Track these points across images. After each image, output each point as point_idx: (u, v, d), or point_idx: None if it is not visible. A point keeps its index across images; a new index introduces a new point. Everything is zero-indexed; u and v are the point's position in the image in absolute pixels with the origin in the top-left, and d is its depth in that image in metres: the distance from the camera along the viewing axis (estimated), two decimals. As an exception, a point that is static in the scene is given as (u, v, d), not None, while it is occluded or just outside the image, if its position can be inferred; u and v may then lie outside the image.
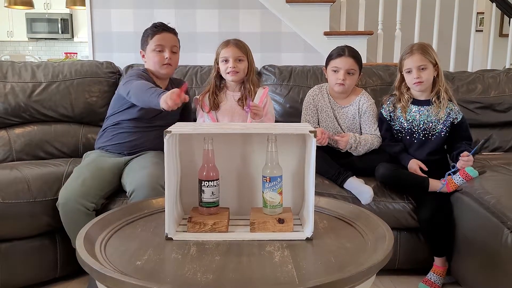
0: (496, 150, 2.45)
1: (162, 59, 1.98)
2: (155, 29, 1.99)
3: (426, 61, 1.99)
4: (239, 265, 1.05)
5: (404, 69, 2.05)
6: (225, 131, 1.26)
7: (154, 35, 1.99)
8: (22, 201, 1.75)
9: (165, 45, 1.99)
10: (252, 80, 2.07)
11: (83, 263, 1.00)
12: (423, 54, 1.99)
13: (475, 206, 1.68)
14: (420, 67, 1.99)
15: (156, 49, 1.98)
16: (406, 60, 2.02)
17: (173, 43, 2.02)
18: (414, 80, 2.01)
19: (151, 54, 2.00)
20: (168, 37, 2.00)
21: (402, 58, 2.07)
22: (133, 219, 1.33)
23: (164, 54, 1.98)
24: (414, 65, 1.99)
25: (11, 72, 2.31)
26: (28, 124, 2.31)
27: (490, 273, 1.60)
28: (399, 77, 2.12)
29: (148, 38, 2.00)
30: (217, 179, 1.25)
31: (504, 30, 4.80)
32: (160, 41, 1.98)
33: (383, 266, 1.02)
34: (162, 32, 1.99)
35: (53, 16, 7.02)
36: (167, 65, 1.99)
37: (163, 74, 2.03)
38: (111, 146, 2.01)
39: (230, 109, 2.07)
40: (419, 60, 1.99)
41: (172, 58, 2.00)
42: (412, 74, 2.01)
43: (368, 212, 1.34)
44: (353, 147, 2.03)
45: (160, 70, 2.01)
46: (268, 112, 2.09)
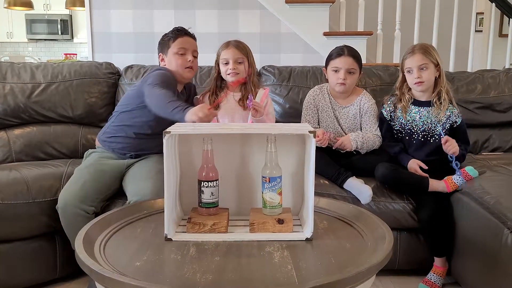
0: (496, 150, 2.44)
1: (185, 62, 1.97)
2: (178, 32, 1.99)
3: (427, 61, 1.99)
4: (239, 265, 1.04)
5: (405, 68, 2.05)
6: (224, 132, 1.26)
7: (176, 38, 1.98)
8: (21, 202, 1.75)
9: (187, 49, 1.98)
10: (252, 81, 2.07)
11: (82, 264, 1.00)
12: (425, 54, 1.99)
13: (475, 206, 1.68)
14: (420, 66, 1.99)
15: (179, 52, 1.97)
16: (407, 60, 2.02)
17: (194, 48, 2.03)
18: (415, 80, 2.01)
19: (173, 57, 1.98)
20: (190, 41, 2.01)
21: (403, 58, 2.07)
22: (132, 220, 1.33)
23: (187, 57, 1.98)
24: (415, 64, 1.99)
25: (10, 73, 2.31)
26: (27, 125, 2.31)
27: (490, 274, 1.59)
28: (400, 78, 2.12)
29: (170, 41, 1.98)
30: (217, 179, 1.25)
31: (503, 30, 4.80)
32: (183, 44, 1.98)
33: (383, 266, 1.02)
34: (184, 36, 1.99)
35: (53, 17, 7.02)
36: (189, 68, 1.99)
37: (185, 78, 2.02)
38: (116, 145, 1.97)
39: (231, 110, 2.07)
40: (420, 59, 1.99)
41: (193, 62, 2.01)
42: (413, 74, 2.01)
43: (368, 212, 1.34)
44: (359, 144, 2.02)
45: (183, 74, 2.00)
46: (268, 112, 2.08)
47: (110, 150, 1.97)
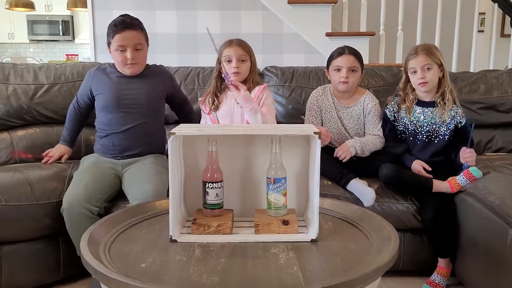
0: (499, 150, 2.44)
1: (125, 59, 1.91)
2: (115, 28, 1.89)
3: (431, 61, 1.99)
4: (244, 267, 1.04)
5: (409, 69, 2.05)
6: (229, 133, 1.26)
7: (114, 34, 1.89)
8: (25, 204, 1.75)
9: (126, 45, 1.89)
10: (253, 79, 2.05)
11: (88, 265, 0.99)
12: (428, 55, 1.99)
13: (479, 206, 1.68)
14: (424, 67, 1.99)
15: (118, 49, 1.90)
16: (411, 61, 2.02)
17: (136, 41, 1.90)
18: (419, 80, 2.00)
19: (114, 54, 1.93)
20: (129, 36, 1.89)
21: (407, 59, 2.07)
22: (137, 221, 1.33)
23: (126, 54, 1.90)
24: (418, 65, 1.99)
25: (13, 74, 2.31)
26: (30, 126, 2.31)
27: (494, 274, 1.59)
28: (404, 78, 2.12)
29: (110, 37, 1.92)
30: (221, 180, 1.25)
31: (505, 31, 4.80)
32: (121, 41, 1.88)
33: (389, 267, 1.01)
34: (123, 31, 1.88)
35: (54, 18, 7.03)
36: (131, 64, 1.92)
37: (129, 74, 1.98)
38: (103, 149, 1.98)
39: (230, 110, 2.04)
40: (423, 60, 1.99)
41: (137, 57, 1.92)
42: (417, 74, 2.01)
43: (373, 213, 1.33)
44: (359, 150, 2.02)
45: (125, 69, 1.96)
46: (264, 104, 2.01)
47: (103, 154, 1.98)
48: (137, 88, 1.98)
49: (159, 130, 2.06)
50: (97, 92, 2.00)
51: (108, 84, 1.99)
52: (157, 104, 2.06)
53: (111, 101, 1.96)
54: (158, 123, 2.07)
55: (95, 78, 2.03)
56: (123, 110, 1.96)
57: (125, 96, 1.96)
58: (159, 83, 2.07)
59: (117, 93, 1.96)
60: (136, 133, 1.96)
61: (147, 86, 2.00)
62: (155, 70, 2.10)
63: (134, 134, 1.96)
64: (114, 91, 1.97)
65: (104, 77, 2.01)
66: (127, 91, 1.97)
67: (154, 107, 2.03)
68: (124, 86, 1.98)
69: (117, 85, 1.98)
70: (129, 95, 1.97)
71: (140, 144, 1.97)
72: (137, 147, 1.96)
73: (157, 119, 2.07)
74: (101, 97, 1.99)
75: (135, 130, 1.96)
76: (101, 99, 1.99)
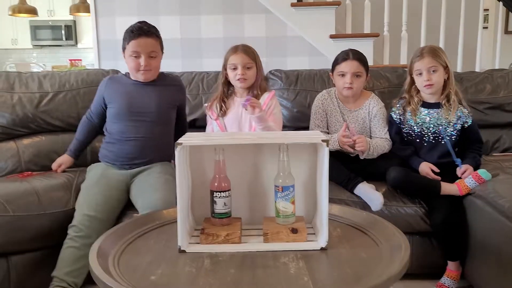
0: (507, 150, 2.42)
1: (138, 65, 1.92)
2: (131, 34, 1.90)
3: (436, 63, 1.98)
4: (255, 278, 1.03)
5: (414, 71, 2.04)
6: (236, 142, 1.25)
7: (130, 40, 1.90)
8: (33, 214, 1.75)
9: (141, 52, 1.90)
10: (261, 85, 2.05)
11: (98, 279, 0.99)
12: (434, 57, 1.98)
13: (489, 209, 1.66)
14: (430, 69, 1.98)
15: (133, 55, 1.91)
16: (417, 63, 2.01)
17: (151, 49, 1.92)
18: (424, 82, 1.99)
19: (128, 59, 1.94)
20: (145, 43, 1.90)
21: (412, 61, 2.05)
22: (145, 231, 1.32)
23: (139, 60, 1.91)
24: (424, 67, 1.98)
25: (18, 82, 2.31)
26: (36, 135, 2.31)
27: (505, 277, 1.58)
28: (409, 80, 2.11)
29: (125, 42, 1.93)
30: (229, 189, 1.24)
31: (509, 27, 4.77)
32: (136, 47, 1.90)
33: (400, 277, 1.00)
34: (139, 37, 1.89)
35: (57, 23, 7.04)
36: (144, 71, 1.93)
37: (141, 80, 1.98)
38: (113, 158, 1.97)
39: (237, 116, 2.05)
40: (429, 62, 1.98)
41: (150, 64, 1.93)
42: (422, 76, 2.00)
43: (382, 219, 1.32)
44: (371, 149, 2.00)
45: (137, 76, 1.97)
46: (272, 113, 2.04)
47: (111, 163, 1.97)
48: (149, 96, 1.98)
49: (168, 139, 2.04)
50: (110, 100, 2.01)
51: (120, 92, 1.99)
52: (168, 113, 2.05)
53: (123, 109, 1.96)
54: (168, 132, 2.05)
55: (108, 87, 2.04)
56: (134, 118, 1.95)
57: (136, 104, 1.96)
58: (172, 93, 2.06)
59: (129, 101, 1.97)
60: (147, 142, 1.96)
61: (159, 94, 2.00)
62: (170, 80, 2.11)
63: (144, 143, 1.95)
64: (125, 98, 1.97)
65: (117, 85, 2.02)
66: (138, 99, 1.97)
67: (165, 116, 2.02)
68: (136, 94, 1.98)
69: (129, 93, 1.98)
70: (140, 102, 1.96)
71: (150, 153, 1.96)
72: (147, 156, 1.95)
73: (168, 128, 2.06)
74: (113, 105, 2.00)
75: (146, 139, 1.95)
76: (113, 107, 2.00)
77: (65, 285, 1.64)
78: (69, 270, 1.65)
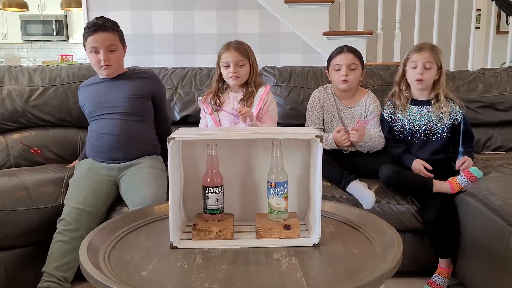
0: (498, 149, 2.43)
1: (98, 61, 1.89)
2: (88, 30, 1.88)
3: (432, 60, 1.99)
4: (247, 274, 1.03)
5: (409, 62, 2.04)
6: (229, 137, 1.24)
7: (87, 36, 1.88)
8: (22, 209, 1.73)
9: (99, 47, 1.87)
10: (255, 81, 2.05)
11: (88, 275, 0.98)
12: (432, 53, 1.99)
13: (481, 207, 1.67)
14: (426, 64, 1.98)
15: (92, 51, 1.89)
16: (415, 55, 2.02)
17: (109, 43, 1.88)
18: (416, 75, 1.99)
19: (89, 56, 1.92)
20: (102, 38, 1.86)
21: (409, 52, 2.06)
22: (136, 227, 1.31)
23: (99, 56, 1.88)
24: (420, 60, 1.99)
25: (7, 76, 2.28)
26: (25, 129, 2.28)
27: (496, 275, 1.58)
28: (400, 72, 2.11)
29: (84, 39, 1.91)
30: (222, 185, 1.23)
31: (501, 27, 4.80)
32: (93, 42, 1.87)
33: (394, 273, 1.00)
34: (95, 32, 1.86)
35: (48, 18, 6.96)
36: (105, 66, 1.89)
37: (104, 75, 1.96)
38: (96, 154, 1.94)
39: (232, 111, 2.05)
40: (427, 57, 1.99)
41: (110, 59, 1.89)
42: (416, 69, 2.00)
43: (375, 216, 1.32)
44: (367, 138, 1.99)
45: (100, 71, 1.95)
46: (268, 110, 2.04)
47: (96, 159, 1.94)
48: (117, 90, 1.96)
49: (148, 131, 2.02)
50: (83, 103, 2.04)
51: (90, 93, 2.01)
52: (139, 104, 1.99)
53: (93, 106, 1.98)
54: (145, 124, 2.01)
55: (81, 94, 2.07)
56: (105, 112, 1.94)
57: (105, 99, 1.95)
58: (142, 84, 2.01)
59: (97, 99, 1.97)
60: (122, 136, 1.92)
61: (127, 87, 1.97)
62: (140, 72, 2.07)
63: (120, 137, 1.92)
64: (94, 97, 1.98)
65: (88, 89, 2.04)
66: (107, 94, 1.96)
67: (135, 107, 1.97)
68: (104, 90, 1.97)
69: (98, 91, 1.99)
70: (109, 97, 1.95)
71: (129, 147, 1.92)
72: (126, 149, 1.92)
73: (144, 120, 2.01)
74: (86, 106, 2.02)
75: (120, 133, 1.92)
76: (86, 108, 2.02)
77: (55, 280, 1.62)
78: (58, 265, 1.63)
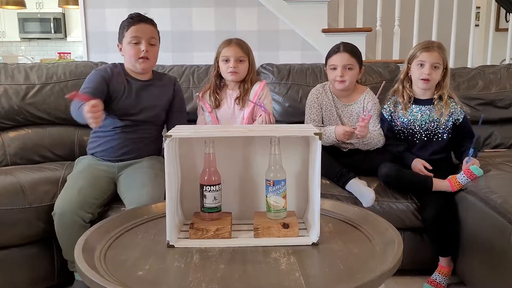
0: (498, 146, 2.42)
1: (138, 52, 1.84)
2: (131, 20, 1.85)
3: (441, 61, 1.97)
4: (245, 273, 1.01)
5: (416, 60, 2.00)
6: (226, 135, 1.23)
7: (129, 26, 1.84)
8: (17, 208, 1.71)
9: (141, 37, 1.84)
10: (251, 79, 2.04)
11: (83, 275, 0.96)
12: (441, 54, 1.97)
13: (481, 205, 1.65)
14: (434, 64, 1.96)
15: (132, 42, 1.84)
16: (424, 53, 1.98)
17: (150, 35, 1.86)
18: (424, 75, 1.97)
19: (127, 47, 1.86)
20: (145, 28, 1.85)
21: (416, 50, 2.02)
22: (132, 226, 1.29)
23: (140, 46, 1.84)
24: (430, 60, 1.96)
25: (3, 74, 2.26)
26: (22, 127, 2.25)
27: (496, 273, 1.57)
28: (405, 69, 2.08)
29: (124, 30, 1.87)
30: (219, 183, 1.22)
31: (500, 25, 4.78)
32: (135, 32, 1.84)
33: (394, 272, 0.99)
34: (139, 23, 1.85)
35: (46, 16, 6.93)
36: (143, 58, 1.85)
37: (140, 70, 1.90)
38: (100, 152, 1.92)
39: (230, 108, 2.05)
40: (436, 57, 1.96)
41: (149, 51, 1.86)
42: (423, 68, 1.98)
43: (375, 215, 1.31)
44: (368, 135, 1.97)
45: (136, 65, 1.87)
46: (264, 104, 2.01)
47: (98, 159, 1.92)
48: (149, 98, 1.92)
49: (159, 133, 2.02)
50: (114, 94, 1.88)
51: (123, 90, 1.89)
52: (163, 113, 2.00)
53: (123, 108, 1.88)
54: (159, 128, 2.03)
55: (114, 78, 1.90)
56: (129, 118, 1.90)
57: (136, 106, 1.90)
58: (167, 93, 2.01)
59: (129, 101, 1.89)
60: (139, 139, 1.92)
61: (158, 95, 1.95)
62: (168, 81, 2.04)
63: (136, 140, 1.92)
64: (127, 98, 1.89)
65: (120, 79, 1.91)
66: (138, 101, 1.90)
67: (160, 116, 1.99)
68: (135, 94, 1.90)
69: (130, 93, 1.90)
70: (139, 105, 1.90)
71: (139, 148, 1.93)
72: (136, 151, 1.92)
73: (160, 125, 2.03)
74: (115, 101, 1.88)
75: (137, 136, 1.92)
76: (115, 103, 1.88)
77: None
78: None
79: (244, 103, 2.02)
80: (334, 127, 2.00)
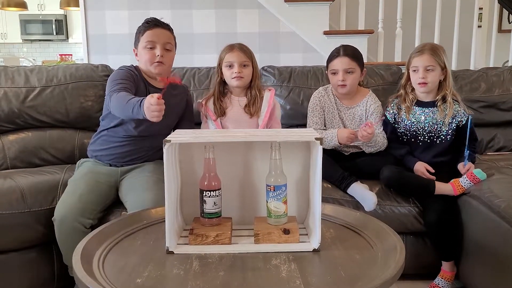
0: (501, 149, 2.40)
1: (153, 56, 1.83)
2: (147, 24, 1.85)
3: (434, 63, 1.95)
4: (245, 281, 1.00)
5: (411, 67, 2.01)
6: (226, 139, 1.21)
7: (145, 31, 1.84)
8: (17, 212, 1.70)
9: (156, 42, 1.83)
10: (257, 85, 2.02)
11: (80, 282, 0.95)
12: (433, 56, 1.95)
13: (484, 210, 1.64)
14: (427, 67, 1.95)
15: (147, 46, 1.83)
16: (415, 59, 1.98)
17: (166, 40, 1.86)
18: (419, 79, 1.97)
19: (142, 51, 1.85)
20: (160, 33, 1.85)
21: (411, 56, 2.02)
22: (131, 231, 1.28)
23: (155, 51, 1.84)
24: (421, 64, 1.95)
25: (4, 77, 2.24)
26: (22, 130, 2.24)
27: (499, 278, 1.56)
28: (406, 75, 2.08)
29: (140, 34, 1.86)
30: (219, 188, 1.20)
31: (503, 26, 4.76)
32: (151, 37, 1.83)
33: (396, 280, 0.97)
34: (154, 27, 1.84)
35: (47, 17, 6.95)
36: (158, 63, 1.84)
37: (155, 74, 1.89)
38: (104, 156, 1.90)
39: (236, 116, 2.01)
40: (427, 60, 1.95)
41: (164, 56, 1.85)
42: (418, 73, 1.97)
43: (376, 220, 1.29)
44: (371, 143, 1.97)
45: (151, 69, 1.86)
46: (275, 116, 2.05)
47: (100, 163, 1.90)
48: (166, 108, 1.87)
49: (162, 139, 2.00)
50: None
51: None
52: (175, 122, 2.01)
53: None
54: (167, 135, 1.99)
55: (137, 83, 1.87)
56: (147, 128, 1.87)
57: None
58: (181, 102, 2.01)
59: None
60: (148, 147, 1.91)
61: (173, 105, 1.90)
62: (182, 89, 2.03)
63: (146, 148, 1.91)
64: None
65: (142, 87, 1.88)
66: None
67: (172, 126, 1.98)
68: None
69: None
70: None
71: (148, 155, 1.92)
72: (144, 158, 1.92)
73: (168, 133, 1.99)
74: None
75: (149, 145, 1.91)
76: None
77: None
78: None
79: (255, 112, 1.99)
80: (337, 131, 1.98)
